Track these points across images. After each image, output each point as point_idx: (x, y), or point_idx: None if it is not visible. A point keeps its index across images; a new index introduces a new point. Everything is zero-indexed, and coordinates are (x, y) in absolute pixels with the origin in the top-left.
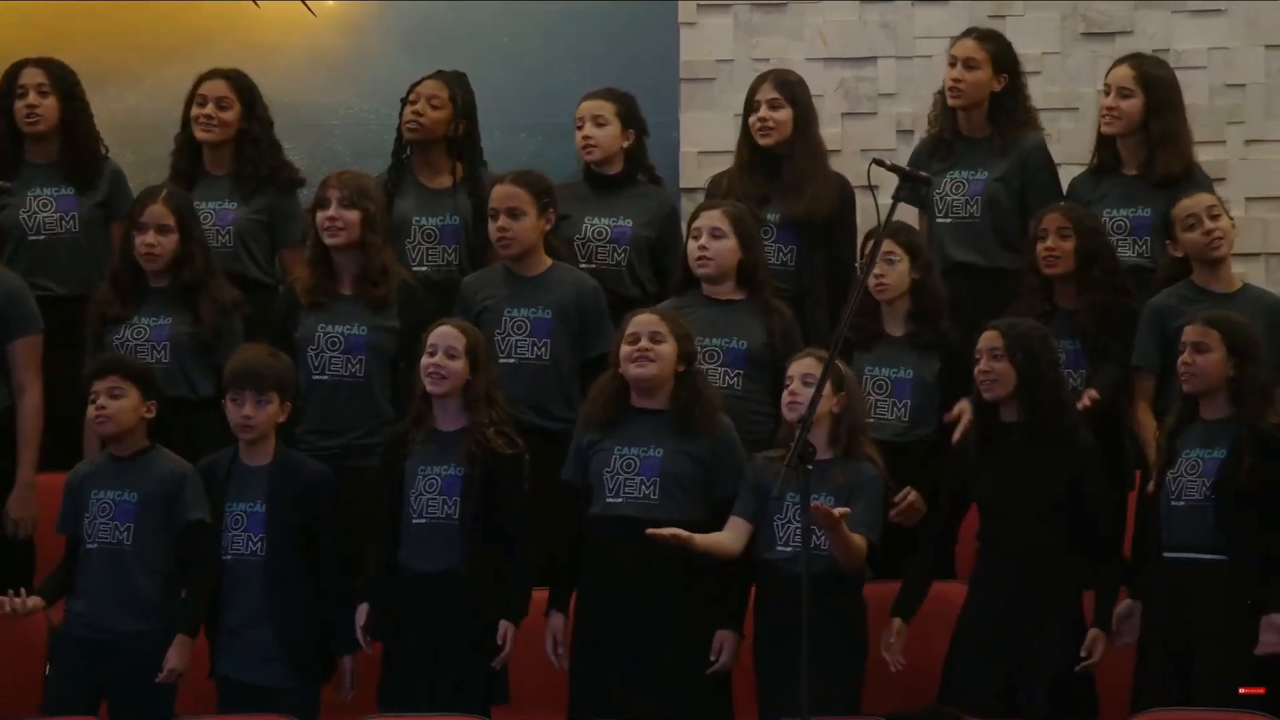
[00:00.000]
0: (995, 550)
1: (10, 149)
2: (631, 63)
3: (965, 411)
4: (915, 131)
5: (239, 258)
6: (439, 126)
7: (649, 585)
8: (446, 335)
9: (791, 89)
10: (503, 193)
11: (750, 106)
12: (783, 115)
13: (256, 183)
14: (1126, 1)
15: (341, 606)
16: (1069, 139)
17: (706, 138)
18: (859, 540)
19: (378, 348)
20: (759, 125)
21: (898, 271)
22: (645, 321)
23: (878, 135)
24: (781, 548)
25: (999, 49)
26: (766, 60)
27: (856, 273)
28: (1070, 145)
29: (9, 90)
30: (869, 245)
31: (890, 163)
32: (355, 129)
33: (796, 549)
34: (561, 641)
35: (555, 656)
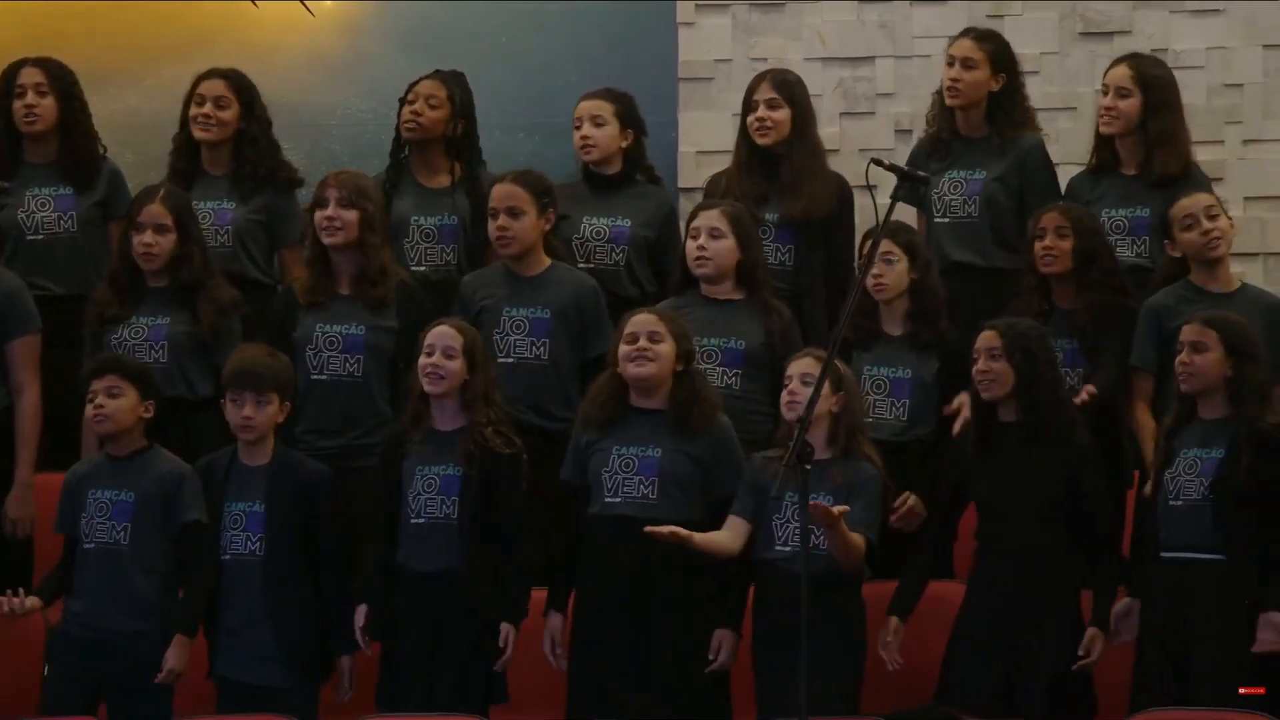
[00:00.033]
0: (993, 550)
1: (8, 149)
2: (630, 63)
3: (965, 405)
4: (913, 131)
5: (237, 257)
6: (437, 126)
7: (647, 585)
8: (444, 335)
9: (790, 89)
10: (503, 192)
11: (748, 106)
12: (781, 115)
13: (255, 183)
14: (1125, 1)
15: (341, 606)
16: (1067, 139)
17: (705, 137)
18: (858, 539)
19: (376, 347)
20: (757, 125)
21: (896, 271)
22: (643, 321)
23: (876, 135)
24: (780, 547)
25: (997, 49)
26: (765, 60)
27: (855, 272)
28: (1068, 145)
29: (7, 90)
30: (867, 245)
31: (888, 162)
32: (353, 129)
33: (795, 549)
34: (559, 642)
35: (553, 657)
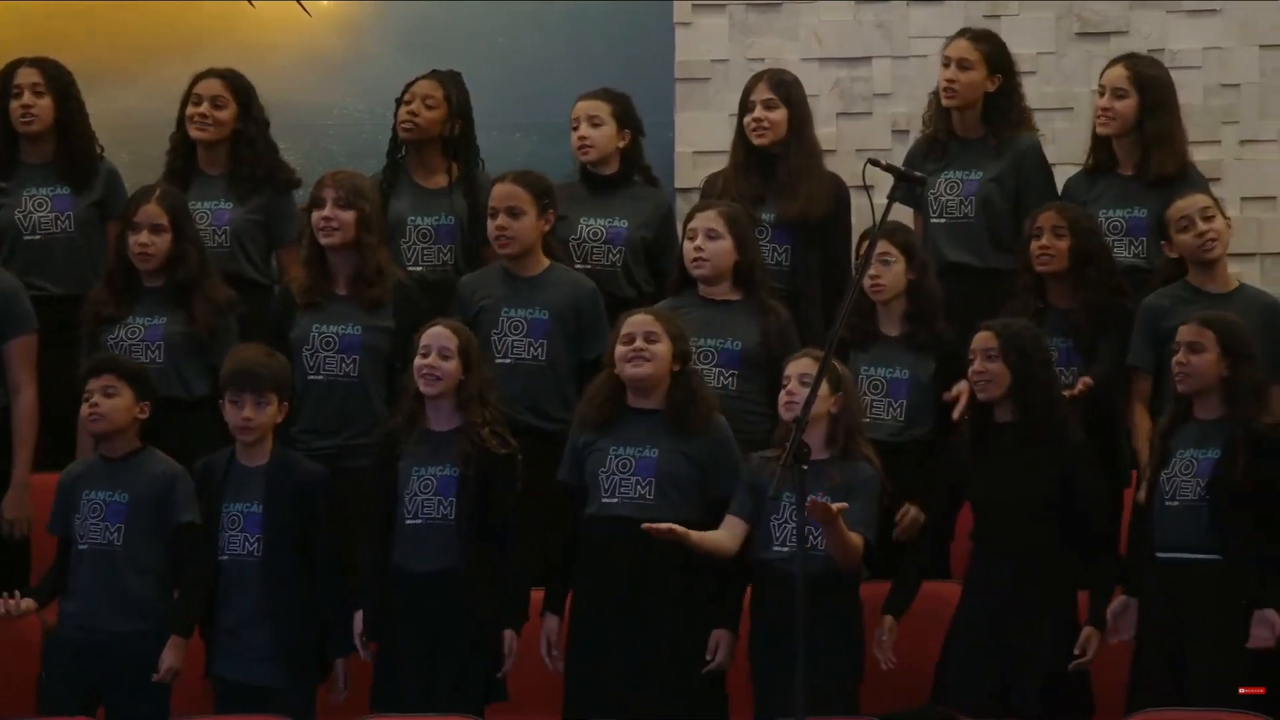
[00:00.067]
0: (989, 550)
1: (5, 149)
2: (627, 63)
3: (965, 392)
4: (910, 131)
5: (235, 258)
6: (434, 126)
7: (645, 585)
8: (439, 336)
9: (786, 89)
10: (503, 192)
11: (745, 106)
12: (778, 115)
13: (253, 184)
14: (1121, 1)
15: (337, 607)
16: (1064, 139)
17: (701, 138)
18: (856, 539)
19: (372, 348)
20: (754, 125)
21: (893, 272)
22: (639, 321)
23: (873, 135)
24: (778, 548)
25: (993, 49)
26: (762, 60)
27: (851, 273)
28: (1065, 145)
29: (4, 90)
30: (864, 245)
31: (885, 163)
32: (350, 129)
33: (793, 549)
34: (555, 644)
35: (549, 659)
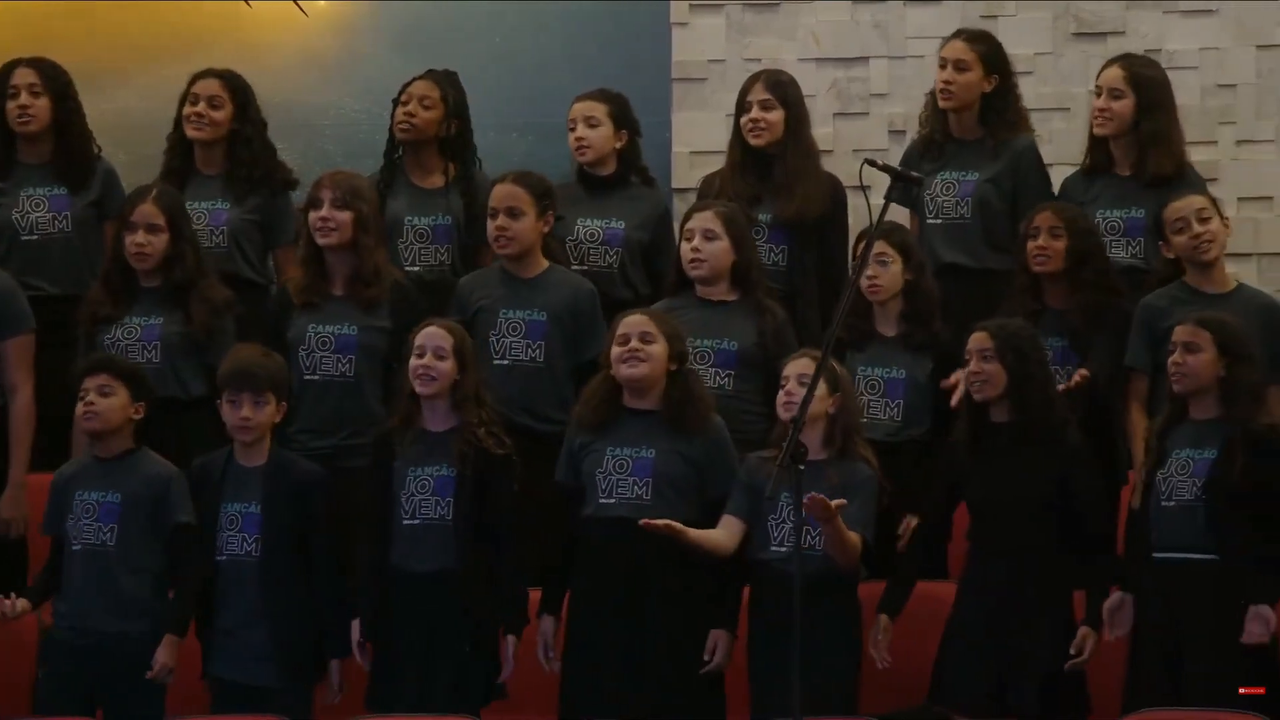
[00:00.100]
0: (985, 550)
1: (2, 149)
2: (624, 63)
3: (963, 381)
4: (907, 132)
5: (232, 258)
6: (430, 126)
7: (642, 585)
8: (434, 336)
9: (783, 89)
10: (503, 192)
11: (742, 107)
12: (774, 116)
13: (250, 184)
14: (1118, 2)
15: (334, 608)
16: (1061, 139)
17: (698, 138)
18: (854, 538)
19: (369, 348)
20: (751, 126)
21: (890, 272)
22: (635, 322)
23: (870, 136)
24: (776, 548)
25: (989, 50)
26: (758, 60)
27: (848, 273)
28: (1062, 146)
29: (1, 90)
30: (861, 246)
31: (882, 163)
32: (347, 129)
33: (791, 549)
34: (552, 645)
35: (545, 660)
